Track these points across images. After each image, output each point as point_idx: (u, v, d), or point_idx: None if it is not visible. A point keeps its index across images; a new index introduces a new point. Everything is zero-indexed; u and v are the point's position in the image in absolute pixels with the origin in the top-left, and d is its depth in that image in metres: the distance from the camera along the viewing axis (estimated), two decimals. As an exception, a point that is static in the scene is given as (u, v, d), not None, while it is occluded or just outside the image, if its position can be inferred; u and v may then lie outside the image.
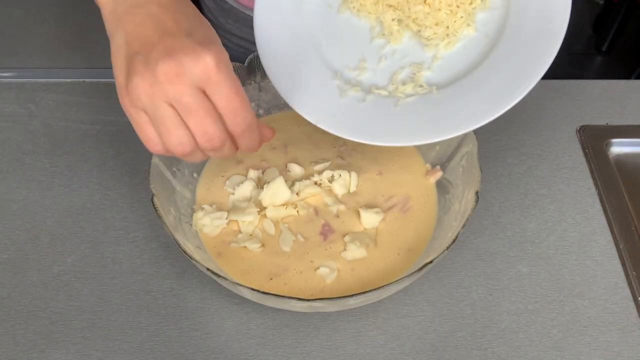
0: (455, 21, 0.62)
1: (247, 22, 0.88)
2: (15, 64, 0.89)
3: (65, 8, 0.98)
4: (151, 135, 0.52)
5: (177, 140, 0.51)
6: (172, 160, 0.66)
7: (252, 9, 0.80)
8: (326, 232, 0.66)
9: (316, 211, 0.67)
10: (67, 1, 0.99)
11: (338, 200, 0.68)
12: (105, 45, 0.97)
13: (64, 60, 0.90)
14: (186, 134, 0.51)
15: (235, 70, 0.71)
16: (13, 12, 0.98)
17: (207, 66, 0.48)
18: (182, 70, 0.48)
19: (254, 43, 0.66)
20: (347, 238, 0.65)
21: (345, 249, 0.64)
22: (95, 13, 1.03)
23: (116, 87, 0.52)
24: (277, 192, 0.66)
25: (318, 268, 0.63)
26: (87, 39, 0.93)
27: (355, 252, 0.64)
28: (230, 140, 0.53)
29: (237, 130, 0.52)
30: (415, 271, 0.55)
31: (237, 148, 0.55)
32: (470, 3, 0.62)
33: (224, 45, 0.96)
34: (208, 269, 0.56)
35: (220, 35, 0.54)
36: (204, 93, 0.49)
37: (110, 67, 0.88)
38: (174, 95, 0.48)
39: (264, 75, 0.73)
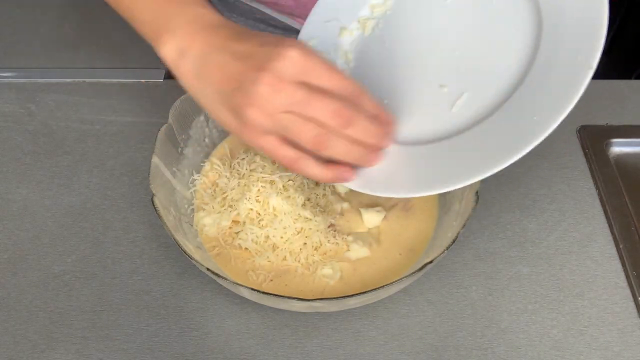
0: None
1: (251, 14, 0.88)
2: (15, 64, 0.89)
3: (65, 8, 0.98)
4: (286, 152, 0.52)
5: (310, 134, 0.50)
6: (172, 160, 0.66)
7: (256, 1, 0.79)
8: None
9: (322, 210, 0.67)
10: (67, 1, 0.99)
11: (341, 199, 0.68)
12: (105, 45, 0.97)
13: (64, 60, 0.90)
14: (315, 126, 0.50)
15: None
16: (13, 12, 0.98)
17: (295, 58, 0.49)
18: (278, 74, 0.49)
19: None
20: (349, 238, 0.65)
21: (348, 249, 0.64)
22: (95, 13, 1.03)
23: (234, 133, 0.53)
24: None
25: (321, 268, 0.63)
26: (87, 39, 0.93)
27: (358, 251, 0.64)
28: (361, 117, 0.52)
29: (356, 98, 0.52)
30: (415, 271, 0.55)
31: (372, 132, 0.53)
32: None
33: None
34: (208, 269, 0.56)
35: None
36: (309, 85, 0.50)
37: (109, 67, 0.88)
38: (285, 101, 0.49)
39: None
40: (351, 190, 0.69)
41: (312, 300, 0.55)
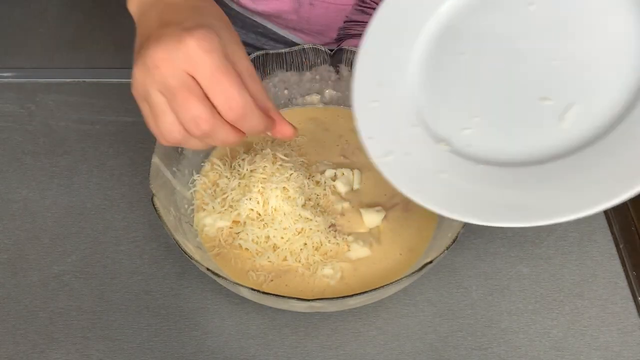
0: None
1: (253, 27, 0.88)
2: (15, 64, 0.89)
3: (65, 8, 0.98)
4: (152, 125, 0.52)
5: (167, 127, 0.50)
6: (172, 160, 0.66)
7: (258, 15, 0.78)
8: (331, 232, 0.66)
9: (322, 211, 0.67)
10: (67, 1, 0.99)
11: (342, 199, 0.68)
12: (105, 45, 0.97)
13: (64, 60, 0.90)
14: (174, 120, 0.50)
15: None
16: (13, 12, 0.98)
17: (189, 48, 0.48)
18: (166, 55, 0.48)
19: (258, 49, 0.65)
20: (350, 238, 0.65)
21: (349, 249, 0.64)
22: (95, 13, 1.03)
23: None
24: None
25: (322, 268, 0.63)
26: (87, 39, 0.93)
27: (358, 251, 0.64)
28: (226, 126, 0.51)
29: (230, 115, 0.50)
30: (415, 271, 0.55)
31: (240, 133, 0.53)
32: None
33: None
34: (208, 269, 0.56)
35: None
36: (193, 78, 0.49)
37: (109, 67, 0.88)
38: (160, 80, 0.49)
39: (263, 75, 0.73)
40: (352, 190, 0.69)
41: (312, 300, 0.55)
